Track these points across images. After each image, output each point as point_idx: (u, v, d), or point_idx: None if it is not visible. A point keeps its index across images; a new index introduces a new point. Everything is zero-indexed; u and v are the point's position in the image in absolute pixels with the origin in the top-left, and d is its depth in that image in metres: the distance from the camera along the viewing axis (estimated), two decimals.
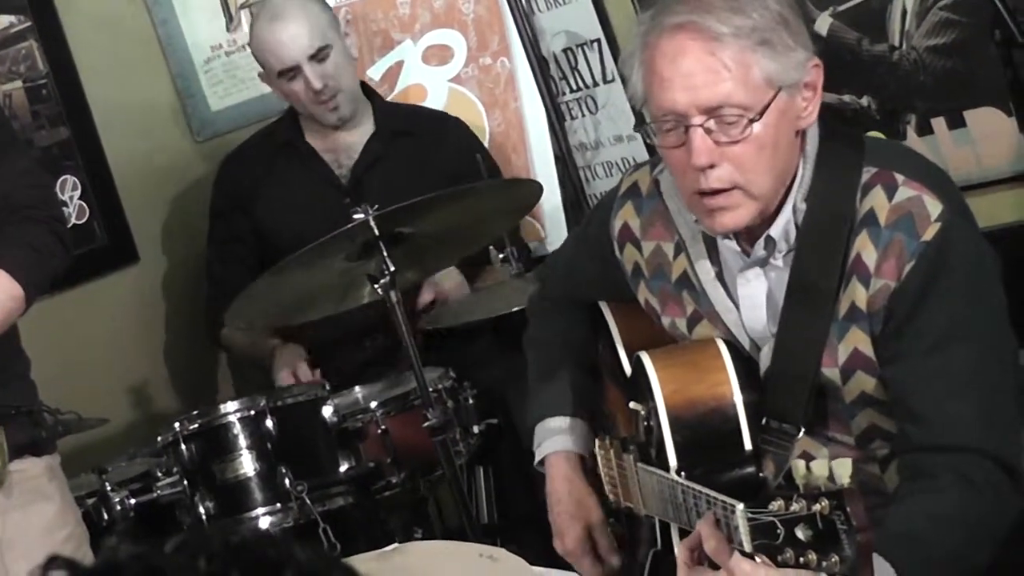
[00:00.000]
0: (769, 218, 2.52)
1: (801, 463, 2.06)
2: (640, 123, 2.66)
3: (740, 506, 2.13)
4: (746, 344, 2.62)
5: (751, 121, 2.42)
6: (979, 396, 2.43)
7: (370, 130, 4.46)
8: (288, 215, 4.40)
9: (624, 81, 2.64)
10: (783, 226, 2.52)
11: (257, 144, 4.57)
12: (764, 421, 2.55)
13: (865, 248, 2.45)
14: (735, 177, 2.45)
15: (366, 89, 4.52)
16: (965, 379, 2.42)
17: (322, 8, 4.40)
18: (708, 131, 2.43)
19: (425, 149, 4.43)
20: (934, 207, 2.42)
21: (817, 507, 2.01)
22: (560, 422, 2.95)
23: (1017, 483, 2.42)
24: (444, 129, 4.51)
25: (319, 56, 4.29)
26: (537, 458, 2.97)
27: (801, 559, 2.04)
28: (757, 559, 2.13)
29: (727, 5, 2.43)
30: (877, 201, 2.45)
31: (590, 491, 2.92)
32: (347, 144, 4.45)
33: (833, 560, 2.01)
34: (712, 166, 2.44)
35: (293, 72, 4.30)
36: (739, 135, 2.43)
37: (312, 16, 4.33)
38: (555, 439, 2.94)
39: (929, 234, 2.41)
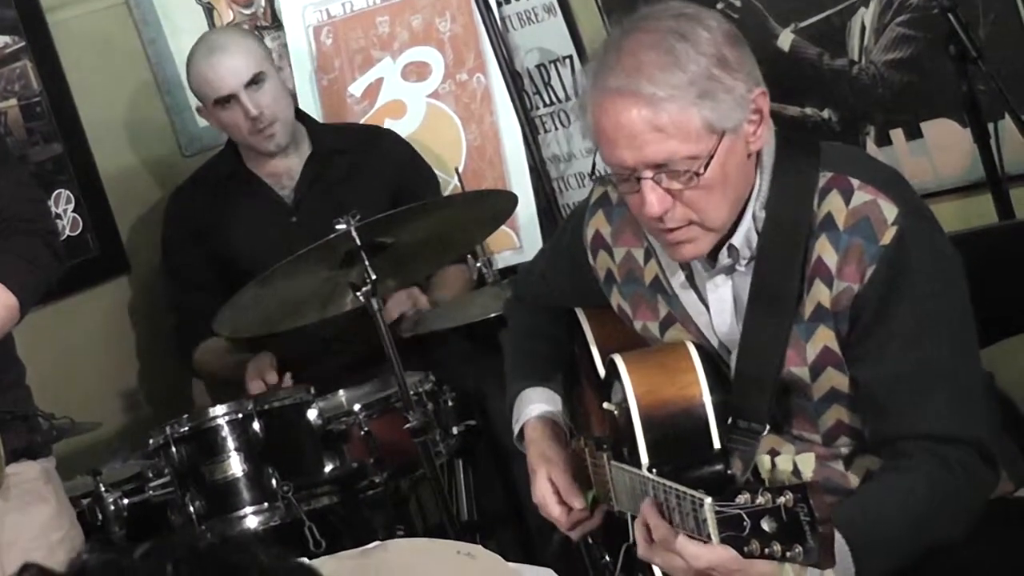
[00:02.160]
0: (730, 229, 2.54)
1: (767, 459, 2.13)
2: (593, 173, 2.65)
3: (708, 500, 2.17)
4: (716, 346, 2.63)
5: (699, 171, 2.43)
6: (952, 388, 2.45)
7: (307, 152, 4.50)
8: (241, 240, 4.45)
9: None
10: (744, 234, 2.54)
11: (202, 178, 4.62)
12: (730, 420, 2.57)
13: (825, 251, 2.47)
14: (690, 215, 2.48)
15: (300, 114, 4.57)
16: (938, 374, 2.45)
17: (256, 42, 4.50)
18: (658, 182, 2.45)
19: (359, 163, 4.48)
20: (890, 210, 2.44)
21: (781, 500, 2.06)
22: (533, 393, 2.96)
23: (991, 465, 2.46)
24: (376, 142, 4.56)
25: (255, 82, 4.35)
26: (515, 432, 2.96)
27: (766, 550, 2.08)
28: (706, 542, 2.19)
29: (661, 62, 2.41)
30: (834, 205, 2.47)
31: (554, 444, 2.91)
32: (287, 168, 4.49)
33: (797, 551, 2.06)
34: (666, 211, 2.47)
35: (229, 101, 4.36)
36: (689, 183, 2.44)
37: (247, 48, 4.41)
38: (528, 408, 2.94)
39: (887, 238, 2.43)
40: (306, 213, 4.32)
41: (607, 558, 2.90)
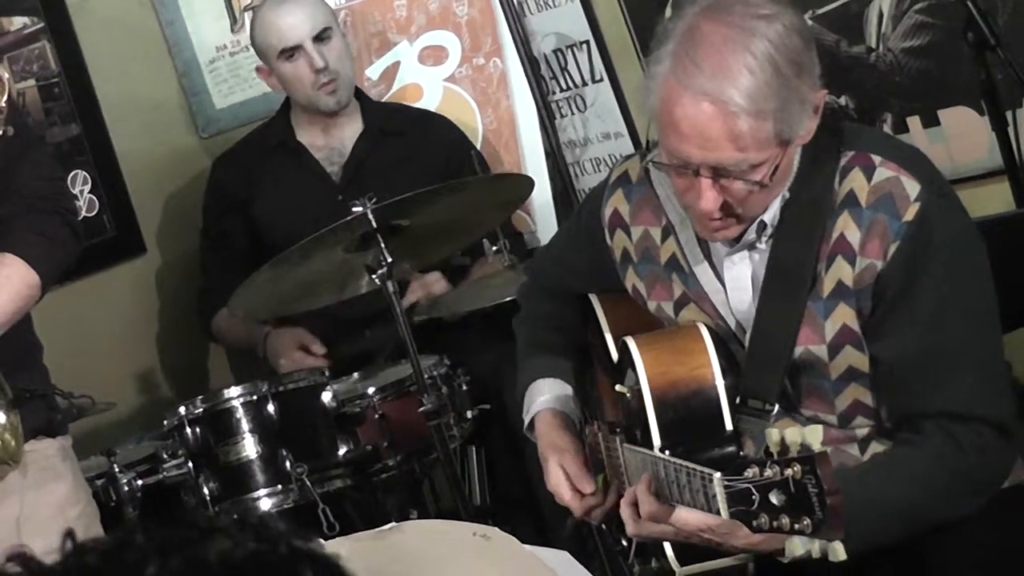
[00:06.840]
0: None
1: (775, 431, 2.10)
2: (648, 147, 2.64)
3: (717, 475, 2.18)
4: (732, 326, 2.64)
5: (764, 181, 2.44)
6: (974, 368, 2.47)
7: (359, 129, 4.50)
8: (283, 213, 4.44)
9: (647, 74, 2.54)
10: (773, 212, 2.54)
11: (250, 145, 4.61)
12: (739, 399, 2.58)
13: (848, 228, 2.48)
14: (736, 210, 2.49)
15: (355, 90, 4.56)
16: (960, 353, 2.46)
17: (323, 1, 4.50)
18: (716, 180, 2.45)
19: (413, 147, 4.47)
20: (912, 187, 2.45)
21: (789, 472, 2.06)
22: (544, 384, 2.95)
23: (1008, 441, 2.48)
24: (430, 128, 4.55)
25: (322, 36, 4.37)
26: (526, 422, 2.96)
27: (775, 523, 2.09)
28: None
29: (748, 66, 2.39)
30: (857, 183, 2.49)
31: (564, 434, 2.90)
32: (338, 142, 4.50)
33: (805, 523, 2.06)
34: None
35: (295, 52, 4.37)
36: (749, 187, 2.45)
37: (315, 2, 4.44)
38: (539, 400, 2.93)
39: (910, 214, 2.44)
40: (353, 193, 4.16)
41: (623, 543, 2.90)
